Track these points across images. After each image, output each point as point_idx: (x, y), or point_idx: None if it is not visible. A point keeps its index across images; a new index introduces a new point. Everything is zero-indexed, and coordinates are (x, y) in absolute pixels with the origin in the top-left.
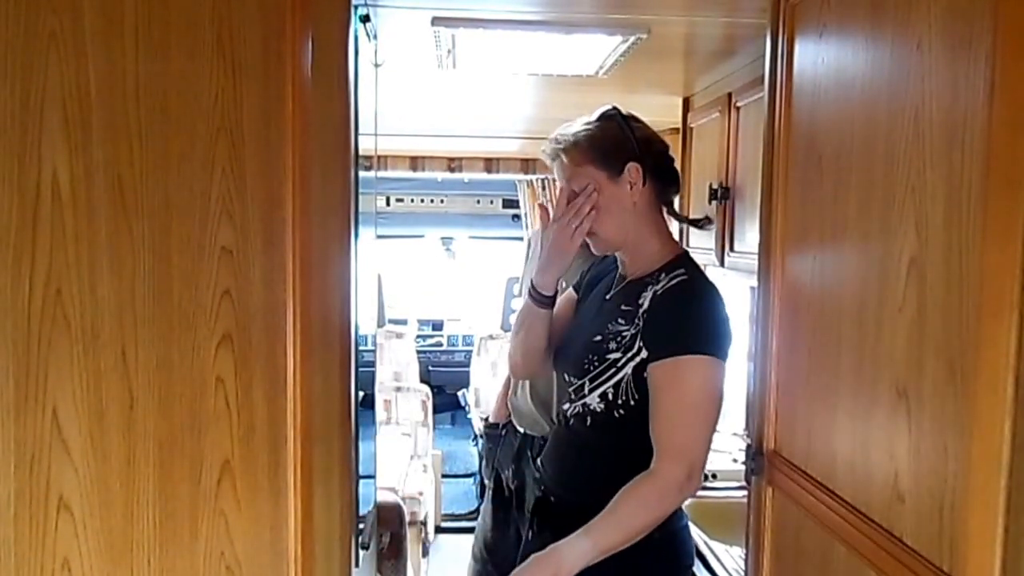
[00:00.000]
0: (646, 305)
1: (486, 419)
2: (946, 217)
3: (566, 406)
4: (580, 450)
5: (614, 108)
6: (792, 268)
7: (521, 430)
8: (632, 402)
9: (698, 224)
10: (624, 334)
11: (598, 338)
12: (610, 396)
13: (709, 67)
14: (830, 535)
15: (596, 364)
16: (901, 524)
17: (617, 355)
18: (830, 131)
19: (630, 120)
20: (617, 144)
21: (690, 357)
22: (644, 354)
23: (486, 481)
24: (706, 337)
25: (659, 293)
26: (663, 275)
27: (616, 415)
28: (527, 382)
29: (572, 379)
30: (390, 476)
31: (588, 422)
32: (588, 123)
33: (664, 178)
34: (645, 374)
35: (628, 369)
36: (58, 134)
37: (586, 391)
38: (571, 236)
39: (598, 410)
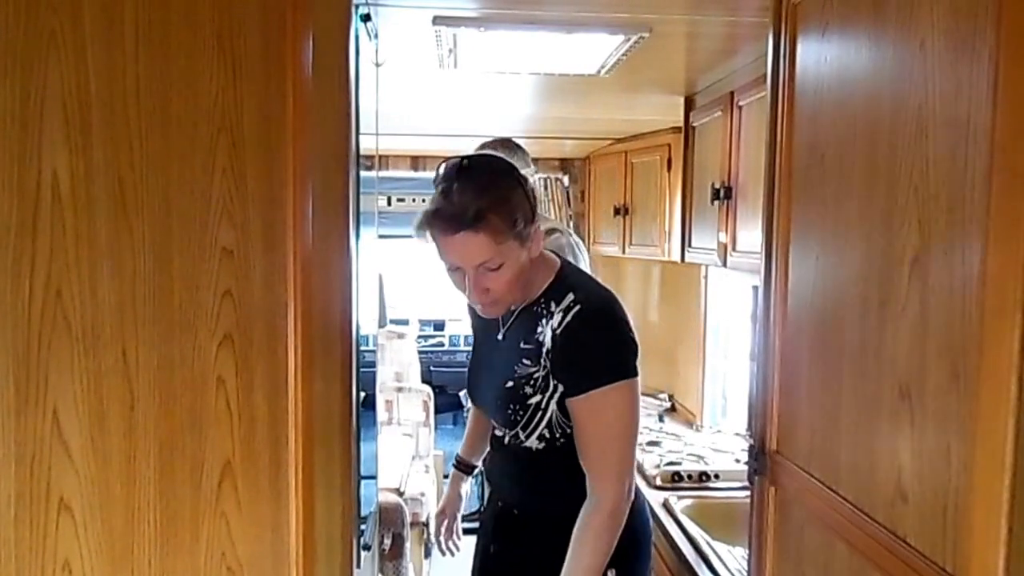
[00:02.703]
0: (547, 344)
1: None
2: (949, 216)
3: (500, 433)
4: (528, 469)
5: (505, 160)
6: (794, 268)
7: None
8: (568, 430)
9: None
10: (535, 376)
11: (510, 384)
12: (547, 435)
13: (711, 66)
14: (833, 535)
15: (521, 413)
16: (904, 524)
17: (537, 398)
18: (832, 130)
19: (521, 173)
20: (527, 209)
21: (606, 388)
22: (562, 387)
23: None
24: (615, 363)
25: (558, 332)
26: (553, 304)
27: (557, 444)
28: None
29: (503, 428)
30: (392, 477)
31: (532, 451)
32: (487, 185)
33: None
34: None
35: (552, 406)
36: (58, 134)
37: (522, 437)
38: None
39: (538, 448)
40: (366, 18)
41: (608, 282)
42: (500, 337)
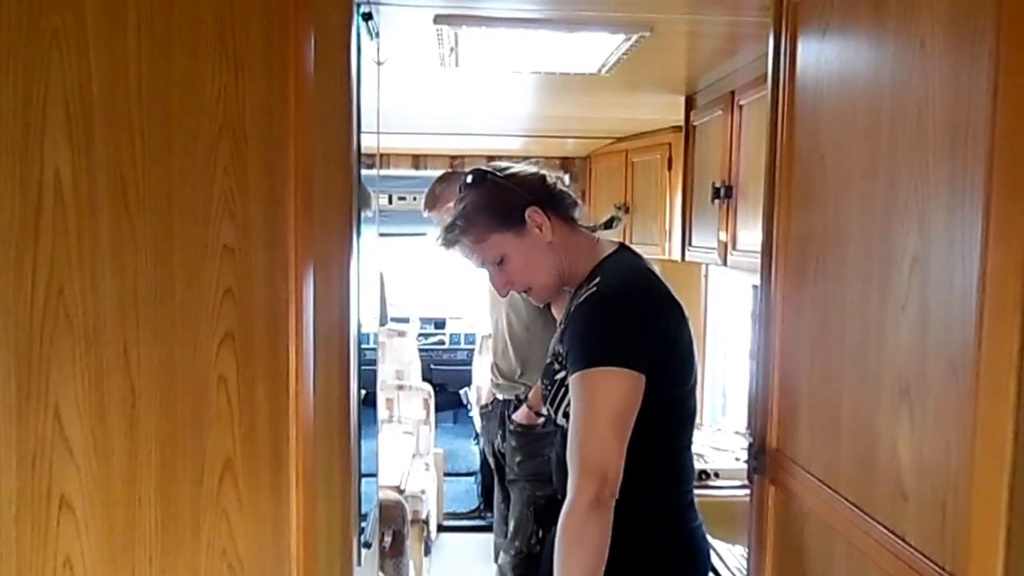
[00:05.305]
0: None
1: (483, 405)
2: (949, 215)
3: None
4: (563, 450)
5: (478, 171)
6: (794, 266)
7: (501, 398)
8: None
9: (608, 226)
10: (561, 353)
11: (549, 360)
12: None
13: (711, 65)
14: (832, 534)
15: (550, 388)
16: (904, 523)
17: (562, 374)
18: (833, 129)
19: (499, 172)
20: (506, 200)
21: (589, 371)
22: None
23: (489, 459)
24: (604, 348)
25: (570, 310)
26: (584, 288)
27: None
28: (497, 362)
29: (546, 406)
30: (392, 474)
31: (563, 431)
32: (464, 198)
33: (558, 202)
34: None
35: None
36: (60, 132)
37: (554, 415)
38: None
39: (565, 427)
40: (367, 17)
41: None
42: (560, 322)
